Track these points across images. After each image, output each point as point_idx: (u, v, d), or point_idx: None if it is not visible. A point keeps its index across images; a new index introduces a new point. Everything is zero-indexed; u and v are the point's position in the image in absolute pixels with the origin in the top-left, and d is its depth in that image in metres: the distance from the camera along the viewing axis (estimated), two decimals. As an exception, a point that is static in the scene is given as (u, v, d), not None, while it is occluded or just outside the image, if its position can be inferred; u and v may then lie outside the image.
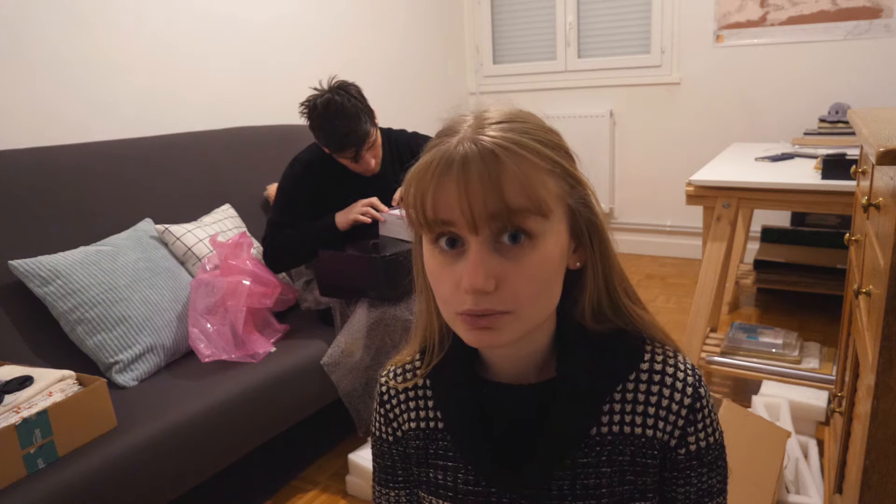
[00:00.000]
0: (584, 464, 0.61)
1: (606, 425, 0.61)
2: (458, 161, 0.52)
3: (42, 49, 1.86)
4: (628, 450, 0.61)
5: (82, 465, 1.22)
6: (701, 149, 3.21)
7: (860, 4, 2.84)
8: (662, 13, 3.29)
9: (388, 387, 0.70)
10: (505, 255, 0.53)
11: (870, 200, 1.03)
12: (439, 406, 0.67)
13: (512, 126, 0.55)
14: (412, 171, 0.56)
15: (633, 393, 0.61)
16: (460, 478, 0.65)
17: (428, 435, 0.68)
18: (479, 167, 0.52)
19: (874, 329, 0.88)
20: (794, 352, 1.95)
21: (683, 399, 0.60)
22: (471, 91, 3.96)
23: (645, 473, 0.62)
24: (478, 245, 0.53)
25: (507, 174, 0.52)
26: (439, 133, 0.57)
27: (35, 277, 1.51)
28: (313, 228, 1.87)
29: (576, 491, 0.61)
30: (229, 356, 1.64)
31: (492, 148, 0.52)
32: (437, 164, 0.53)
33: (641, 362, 0.62)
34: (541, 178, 0.54)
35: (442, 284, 0.56)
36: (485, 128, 0.54)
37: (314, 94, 1.81)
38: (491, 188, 0.51)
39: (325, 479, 1.81)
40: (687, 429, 0.61)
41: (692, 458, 0.62)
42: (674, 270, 3.37)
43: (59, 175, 1.75)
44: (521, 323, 0.55)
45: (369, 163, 1.87)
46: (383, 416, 0.70)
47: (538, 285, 0.55)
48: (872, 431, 0.86)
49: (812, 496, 1.48)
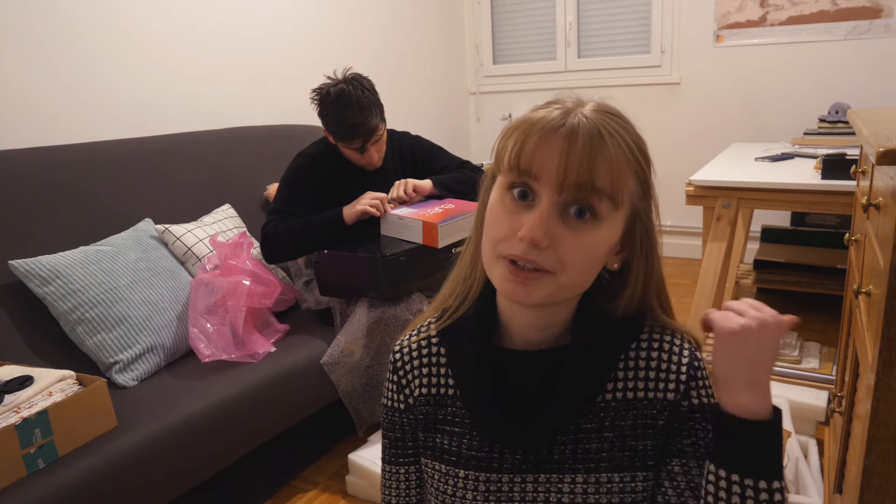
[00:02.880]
0: (588, 429, 0.64)
1: (610, 392, 0.64)
2: (568, 126, 0.57)
3: (42, 49, 1.86)
4: (630, 414, 0.64)
5: (82, 465, 1.21)
6: (701, 149, 3.21)
7: (860, 4, 2.84)
8: (662, 13, 3.29)
9: (402, 353, 0.73)
10: (567, 224, 0.58)
11: (870, 200, 1.03)
12: (451, 366, 0.69)
13: (616, 120, 0.60)
14: (514, 122, 0.60)
15: (634, 360, 0.65)
16: (465, 443, 0.67)
17: (438, 401, 0.70)
18: (585, 138, 0.56)
19: (874, 329, 0.88)
20: (794, 352, 1.95)
21: (681, 360, 0.64)
22: (471, 91, 3.96)
23: (645, 437, 0.64)
24: (550, 203, 0.57)
25: (606, 155, 0.57)
26: (541, 106, 0.61)
27: (35, 277, 1.51)
28: (318, 220, 1.85)
29: (577, 455, 0.64)
30: (229, 356, 1.64)
31: (600, 128, 0.57)
32: (547, 123, 0.57)
33: (641, 333, 0.66)
34: (626, 171, 0.59)
35: (500, 226, 0.59)
36: (592, 110, 0.59)
37: (327, 83, 1.81)
38: (588, 161, 0.56)
39: (325, 479, 1.81)
40: (689, 383, 0.64)
41: (695, 410, 0.64)
42: (674, 270, 3.37)
43: (59, 175, 1.75)
44: (556, 287, 0.58)
45: (373, 156, 1.87)
46: (395, 382, 0.72)
47: (583, 261, 0.59)
48: (872, 431, 0.86)
49: (812, 496, 1.48)
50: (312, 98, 1.82)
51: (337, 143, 1.86)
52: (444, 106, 3.75)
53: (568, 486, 0.64)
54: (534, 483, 0.65)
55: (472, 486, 0.66)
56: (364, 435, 1.85)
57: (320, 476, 1.82)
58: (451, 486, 0.67)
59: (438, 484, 0.69)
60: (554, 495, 0.64)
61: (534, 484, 0.65)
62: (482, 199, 0.66)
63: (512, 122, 0.61)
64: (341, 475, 1.78)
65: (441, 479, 0.69)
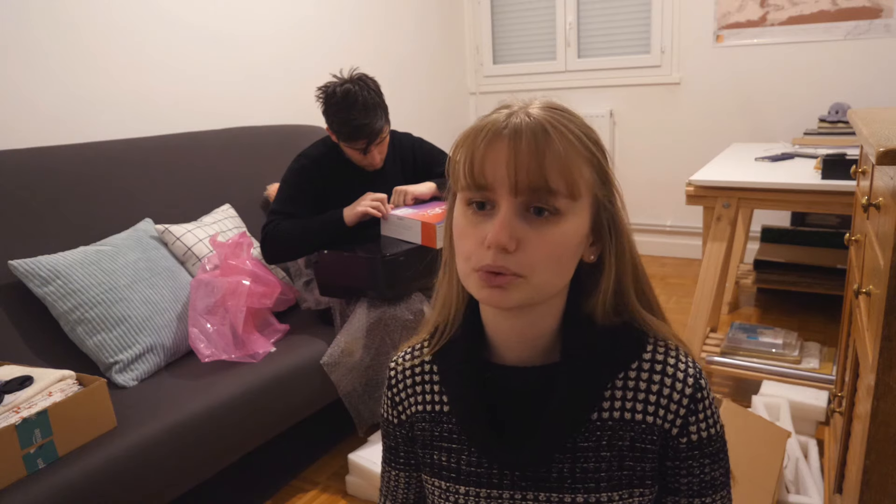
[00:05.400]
0: (585, 448, 0.63)
1: (607, 411, 0.63)
2: (510, 129, 0.57)
3: (42, 49, 1.86)
4: (628, 435, 0.63)
5: (82, 465, 1.21)
6: (701, 149, 3.21)
7: (860, 4, 2.84)
8: (662, 13, 3.29)
9: (397, 371, 0.74)
10: (529, 224, 0.58)
11: (870, 200, 1.03)
12: (444, 386, 0.69)
13: (561, 113, 0.60)
14: (462, 135, 0.60)
15: (634, 381, 0.63)
16: (463, 459, 0.67)
17: (434, 418, 0.70)
18: (529, 137, 0.57)
19: (874, 329, 0.88)
20: (794, 352, 1.95)
21: (685, 389, 0.63)
22: (471, 91, 3.96)
23: (644, 459, 0.63)
24: (509, 207, 0.57)
25: (553, 150, 0.57)
26: (495, 109, 0.62)
27: (35, 277, 1.51)
28: (318, 221, 1.85)
29: (575, 474, 0.63)
30: (229, 356, 1.64)
31: (543, 123, 0.57)
32: (490, 130, 0.58)
33: (644, 352, 0.64)
34: (578, 162, 0.59)
35: (466, 241, 0.60)
36: (536, 108, 0.59)
37: (334, 81, 1.81)
38: (536, 160, 0.56)
39: (325, 479, 1.81)
40: (688, 418, 0.62)
41: (694, 447, 0.63)
42: (674, 270, 3.37)
43: (59, 175, 1.75)
44: (530, 288, 0.58)
45: (375, 158, 1.87)
46: (390, 399, 0.74)
47: (552, 258, 0.58)
48: (872, 431, 0.86)
49: (812, 496, 1.48)
50: (318, 96, 1.82)
51: (339, 143, 1.85)
52: (444, 106, 3.75)
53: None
54: (534, 501, 0.64)
55: (474, 503, 0.66)
56: (364, 435, 1.85)
57: (320, 476, 1.82)
58: (452, 502, 0.68)
59: (439, 500, 0.69)
60: None
61: (534, 502, 0.64)
62: (448, 219, 0.66)
63: (459, 136, 0.61)
64: (341, 475, 1.78)
65: (442, 496, 0.69)
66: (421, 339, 0.73)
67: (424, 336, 0.73)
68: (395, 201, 1.90)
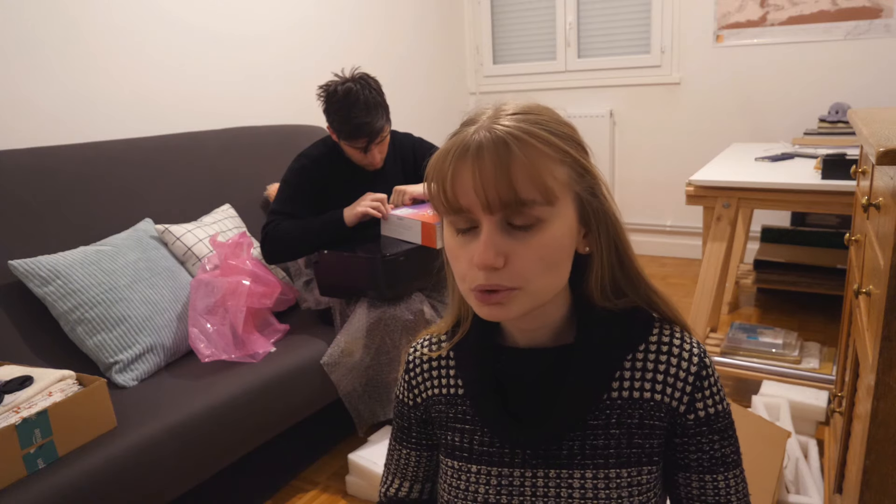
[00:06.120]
0: (595, 426, 0.65)
1: (617, 390, 0.65)
2: (473, 148, 0.57)
3: (42, 49, 1.86)
4: (637, 413, 0.65)
5: (82, 465, 1.21)
6: (701, 149, 3.21)
7: (860, 4, 2.84)
8: (662, 13, 3.29)
9: (416, 356, 0.76)
10: (514, 236, 0.58)
11: (870, 200, 1.03)
12: (460, 370, 0.71)
13: (526, 117, 0.59)
14: (433, 159, 0.61)
15: (642, 361, 0.66)
16: (476, 439, 0.69)
17: (449, 400, 0.72)
18: (491, 154, 0.56)
19: (874, 329, 0.88)
20: (794, 352, 1.95)
21: (690, 367, 0.65)
22: (471, 91, 3.96)
23: (652, 436, 0.65)
24: (489, 225, 0.57)
25: (517, 163, 0.56)
26: (462, 123, 0.62)
27: (35, 277, 1.51)
28: (318, 221, 1.85)
29: (585, 451, 0.65)
30: (229, 356, 1.64)
31: (504, 137, 0.57)
32: (455, 152, 0.58)
33: (650, 335, 0.67)
34: (548, 166, 0.58)
35: (458, 262, 0.61)
36: (501, 118, 0.59)
37: (335, 80, 1.81)
38: (502, 175, 0.56)
39: (325, 479, 1.81)
40: (694, 394, 0.65)
41: (702, 423, 0.65)
42: (674, 270, 3.37)
43: (60, 175, 1.75)
44: (528, 298, 0.60)
45: (375, 157, 1.87)
46: (407, 382, 0.76)
47: (544, 265, 0.59)
48: (872, 431, 0.86)
49: (812, 496, 1.48)
50: (319, 94, 1.82)
51: (340, 142, 1.85)
52: (444, 106, 3.75)
53: (578, 481, 0.65)
54: (544, 478, 0.66)
55: (485, 481, 0.68)
56: (364, 435, 1.85)
57: (320, 476, 1.82)
58: (465, 481, 0.69)
59: (452, 480, 0.71)
60: (564, 490, 0.66)
61: (544, 479, 0.66)
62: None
63: (430, 162, 0.61)
64: (341, 475, 1.78)
65: (454, 476, 0.71)
66: (443, 329, 0.75)
67: (444, 328, 0.75)
68: (394, 201, 1.90)
